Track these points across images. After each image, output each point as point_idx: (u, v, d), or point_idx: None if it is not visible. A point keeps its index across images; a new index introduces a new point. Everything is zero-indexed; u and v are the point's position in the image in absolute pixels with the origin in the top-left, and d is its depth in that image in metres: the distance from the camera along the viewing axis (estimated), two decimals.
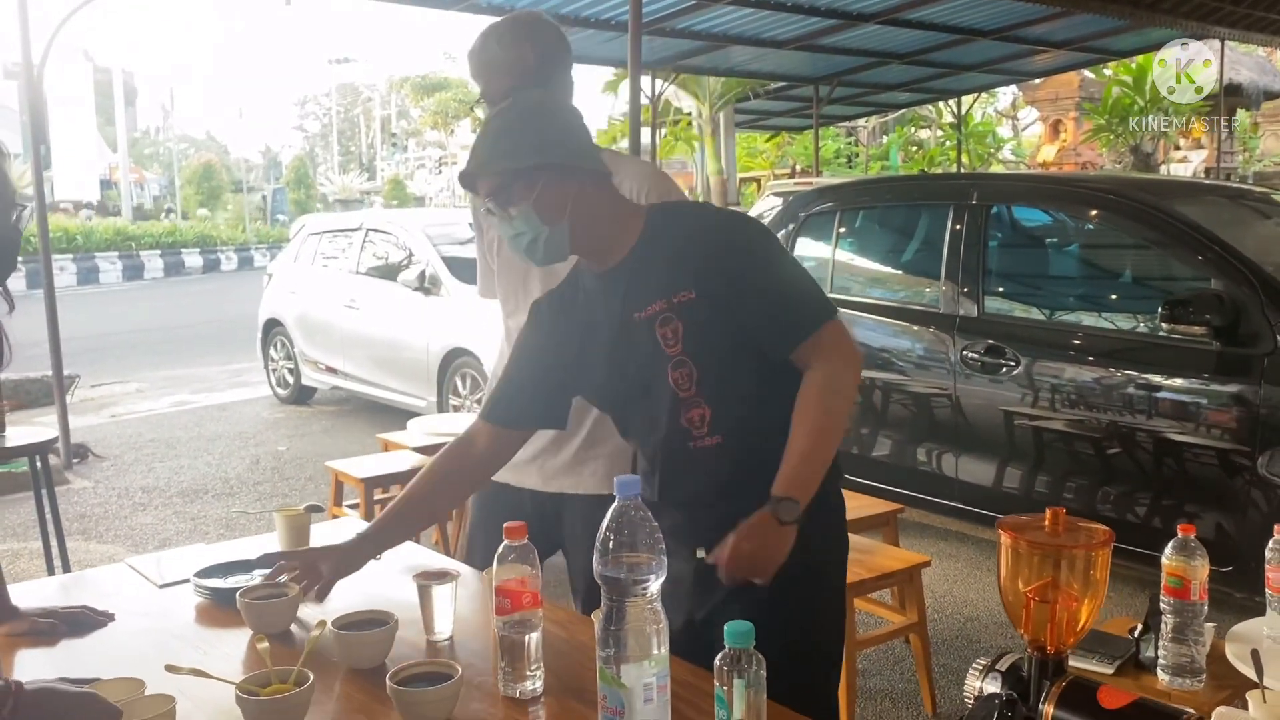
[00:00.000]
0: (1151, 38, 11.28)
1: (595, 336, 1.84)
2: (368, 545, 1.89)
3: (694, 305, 1.74)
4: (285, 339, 8.48)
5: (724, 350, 1.75)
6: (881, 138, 23.06)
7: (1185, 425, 3.73)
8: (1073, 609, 1.08)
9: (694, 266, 1.75)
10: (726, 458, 1.78)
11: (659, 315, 1.76)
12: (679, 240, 1.79)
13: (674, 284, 1.75)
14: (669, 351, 1.76)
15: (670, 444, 1.81)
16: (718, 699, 1.24)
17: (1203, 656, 2.22)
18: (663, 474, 1.84)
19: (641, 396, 1.82)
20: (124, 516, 5.57)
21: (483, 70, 2.32)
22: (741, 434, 1.78)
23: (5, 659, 1.71)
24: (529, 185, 1.72)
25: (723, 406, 1.77)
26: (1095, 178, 6.77)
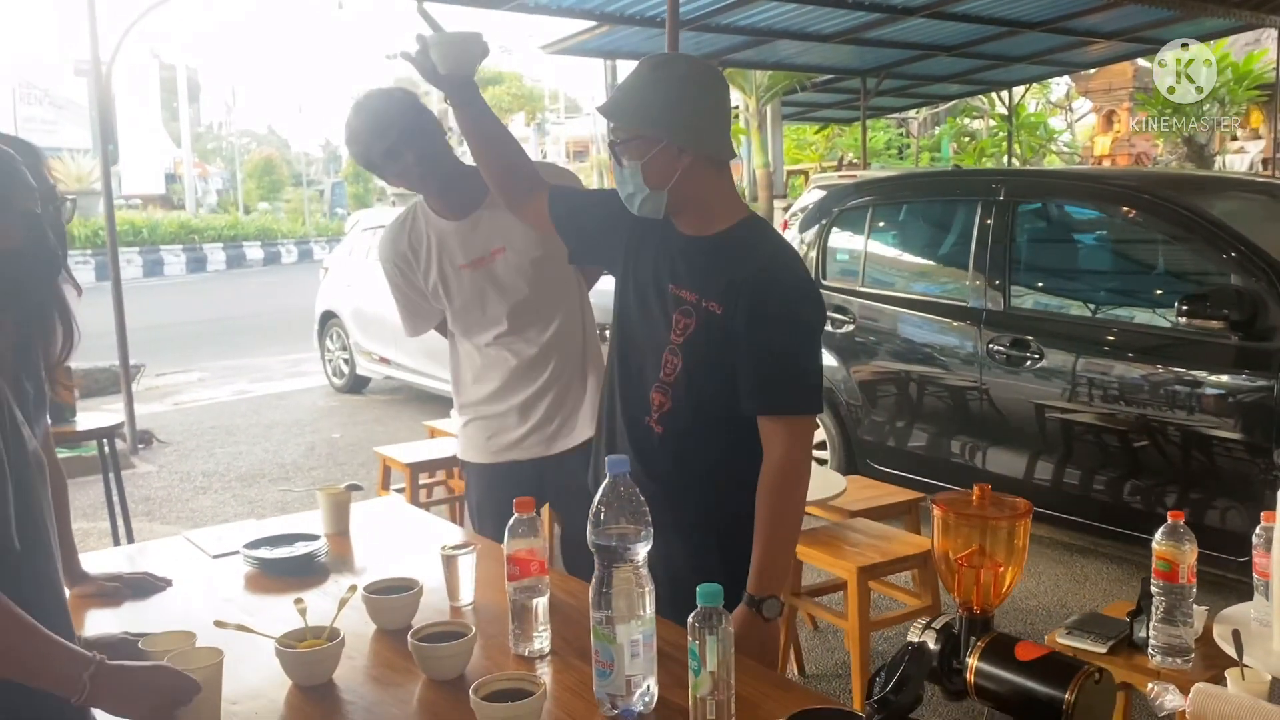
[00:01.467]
0: (1205, 27, 11.12)
1: (638, 266, 2.01)
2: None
3: (714, 318, 1.88)
4: (341, 330, 8.75)
5: (711, 368, 1.90)
6: (933, 129, 22.92)
7: (1205, 418, 3.80)
8: (998, 573, 1.22)
9: (738, 289, 1.85)
10: (663, 448, 1.95)
11: (684, 304, 1.92)
12: (748, 259, 1.88)
13: (713, 289, 1.88)
14: (673, 337, 1.93)
15: (634, 406, 1.99)
16: (691, 653, 1.39)
17: (1191, 637, 2.32)
18: (623, 426, 2.01)
19: (638, 347, 2.00)
20: (185, 499, 5.85)
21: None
22: (678, 439, 1.94)
23: (76, 616, 1.91)
24: (643, 149, 1.87)
25: (677, 409, 1.93)
26: (1120, 174, 6.77)
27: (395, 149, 2.40)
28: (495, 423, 2.58)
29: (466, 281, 2.51)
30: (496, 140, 2.19)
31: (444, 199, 2.52)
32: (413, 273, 2.57)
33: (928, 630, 1.25)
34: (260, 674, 1.66)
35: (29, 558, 1.32)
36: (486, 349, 2.56)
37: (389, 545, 2.25)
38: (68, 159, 24.96)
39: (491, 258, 2.49)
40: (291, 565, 2.14)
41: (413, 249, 2.56)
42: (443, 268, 2.52)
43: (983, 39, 10.46)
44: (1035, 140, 19.74)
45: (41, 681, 1.30)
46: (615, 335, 2.09)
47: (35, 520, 1.35)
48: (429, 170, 2.45)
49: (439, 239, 2.52)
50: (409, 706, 1.60)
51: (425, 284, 2.56)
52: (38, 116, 30.76)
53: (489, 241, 2.48)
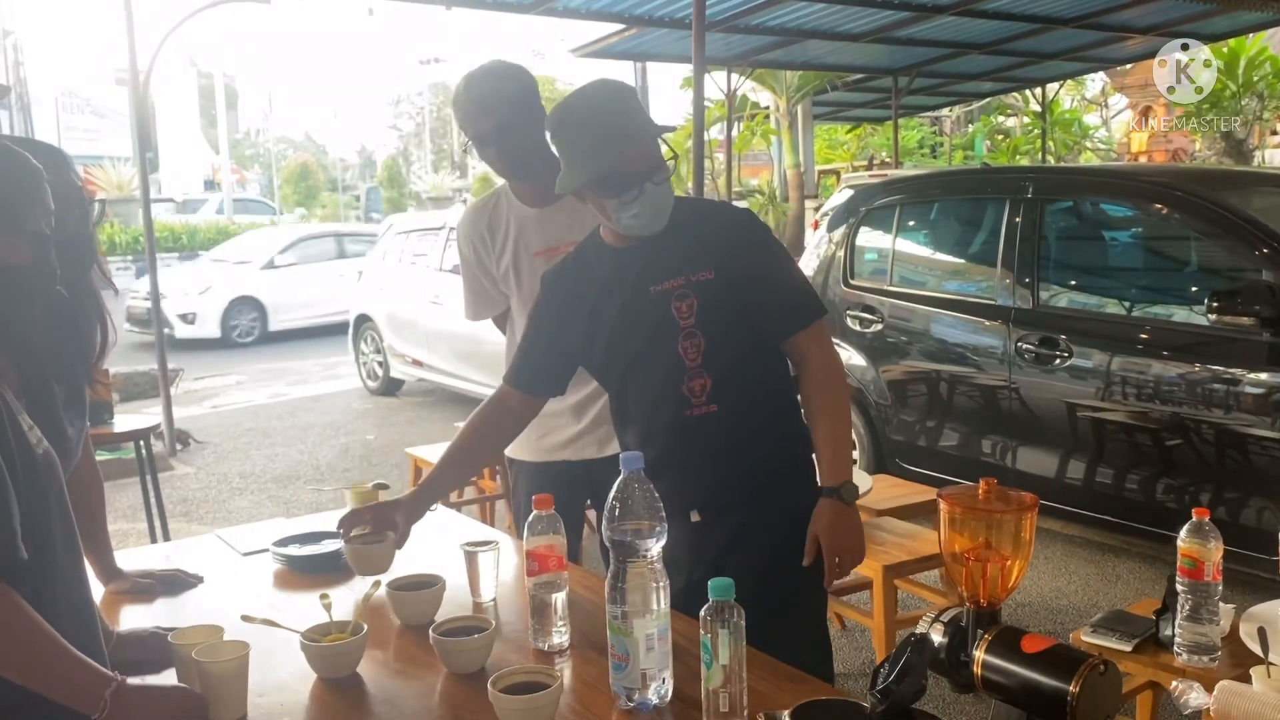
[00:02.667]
0: (1242, 20, 10.98)
1: (603, 307, 2.02)
2: (426, 495, 2.15)
3: (711, 285, 1.94)
4: (375, 333, 8.85)
5: (732, 327, 1.96)
6: (967, 126, 22.75)
7: (1237, 416, 3.76)
8: (1004, 567, 1.23)
9: (715, 251, 1.96)
10: (721, 425, 1.97)
11: (676, 290, 1.95)
12: (701, 227, 1.99)
13: (694, 264, 1.95)
14: (682, 324, 1.95)
15: (668, 412, 1.99)
16: (704, 647, 1.41)
17: (1218, 635, 2.30)
18: (659, 441, 2.01)
19: (644, 365, 2.01)
20: (222, 500, 5.95)
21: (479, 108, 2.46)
22: (735, 404, 1.97)
23: (111, 612, 1.97)
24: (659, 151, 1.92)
25: (723, 378, 1.96)
26: (1149, 170, 6.70)
27: (504, 127, 2.41)
28: (549, 421, 2.55)
29: (539, 269, 2.48)
30: (469, 470, 2.53)
31: (532, 186, 2.52)
32: (487, 254, 2.59)
33: (936, 623, 1.26)
34: (286, 667, 1.70)
35: (42, 564, 1.35)
36: None
37: (414, 542, 2.27)
38: (109, 167, 25.32)
39: (564, 249, 2.48)
40: (318, 562, 2.18)
41: (491, 231, 2.58)
42: (517, 253, 2.54)
43: (1015, 36, 10.37)
44: (1070, 137, 19.53)
45: (62, 695, 1.33)
46: (614, 381, 2.10)
47: (47, 524, 1.38)
48: (527, 156, 2.46)
49: (519, 224, 2.54)
50: (430, 699, 1.63)
51: (497, 268, 2.58)
52: (80, 125, 31.28)
53: (564, 233, 2.48)
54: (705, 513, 1.95)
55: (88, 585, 1.53)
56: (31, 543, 1.32)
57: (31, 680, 1.30)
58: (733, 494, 1.98)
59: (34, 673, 1.30)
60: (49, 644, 1.31)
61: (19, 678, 1.30)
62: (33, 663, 1.30)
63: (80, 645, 1.36)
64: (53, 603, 1.36)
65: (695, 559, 1.97)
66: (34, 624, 1.29)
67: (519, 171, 2.52)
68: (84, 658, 1.35)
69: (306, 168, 39.70)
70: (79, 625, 1.41)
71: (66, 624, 1.35)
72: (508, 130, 2.42)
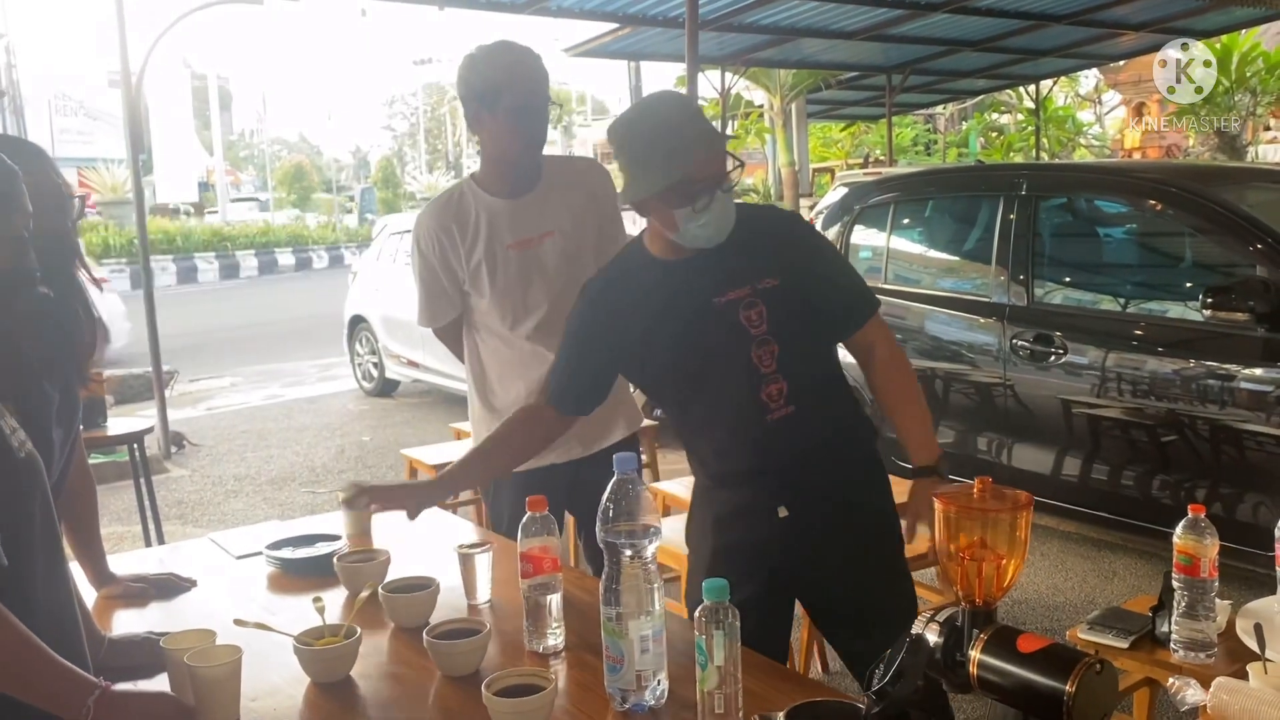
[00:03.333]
0: (1235, 17, 11.01)
1: (660, 322, 1.99)
2: (443, 485, 2.18)
3: (778, 291, 1.96)
4: (370, 334, 8.83)
5: (801, 331, 1.98)
6: (960, 124, 22.77)
7: (1232, 412, 3.76)
8: (1000, 566, 1.23)
9: (775, 257, 1.98)
10: (802, 426, 1.98)
11: (743, 300, 1.95)
12: (755, 234, 1.99)
13: (757, 272, 1.96)
14: (754, 332, 1.94)
15: (747, 418, 1.98)
16: (698, 648, 1.41)
17: (1214, 632, 2.30)
18: (741, 451, 2.01)
19: (713, 376, 1.99)
20: (217, 503, 5.93)
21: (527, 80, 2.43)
22: (812, 404, 2.00)
23: (104, 616, 1.96)
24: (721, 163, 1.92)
25: (797, 380, 1.98)
26: (1142, 166, 6.73)
27: (527, 105, 2.38)
28: None
29: (513, 262, 2.48)
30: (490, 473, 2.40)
31: (510, 175, 2.49)
32: (454, 250, 2.51)
33: (931, 623, 1.26)
34: (279, 671, 1.69)
35: (22, 568, 1.33)
36: (522, 343, 2.52)
37: (408, 545, 2.27)
38: (102, 169, 25.29)
39: (540, 240, 2.47)
40: (312, 565, 2.17)
41: (459, 225, 2.50)
42: (490, 246, 2.48)
43: (1008, 33, 10.39)
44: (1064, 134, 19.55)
45: (43, 703, 1.32)
46: (673, 395, 2.07)
47: (30, 529, 1.36)
48: (528, 143, 2.43)
49: (489, 216, 2.49)
50: (424, 702, 1.62)
51: (466, 264, 2.50)
52: (73, 128, 31.22)
53: (540, 224, 2.47)
54: (793, 507, 1.97)
55: (70, 589, 1.52)
56: (10, 546, 1.30)
57: (11, 688, 1.29)
58: (821, 487, 2.01)
59: (14, 680, 1.29)
60: (29, 651, 1.29)
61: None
62: (12, 670, 1.29)
63: (61, 650, 1.34)
64: (32, 608, 1.35)
65: (781, 553, 1.99)
66: (14, 630, 1.28)
67: (539, 148, 2.48)
68: (66, 664, 1.34)
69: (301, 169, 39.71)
70: (60, 630, 1.40)
71: (46, 629, 1.34)
72: (545, 107, 2.41)
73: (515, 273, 2.49)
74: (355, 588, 1.98)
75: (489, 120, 2.40)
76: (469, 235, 2.50)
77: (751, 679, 1.49)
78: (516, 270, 2.49)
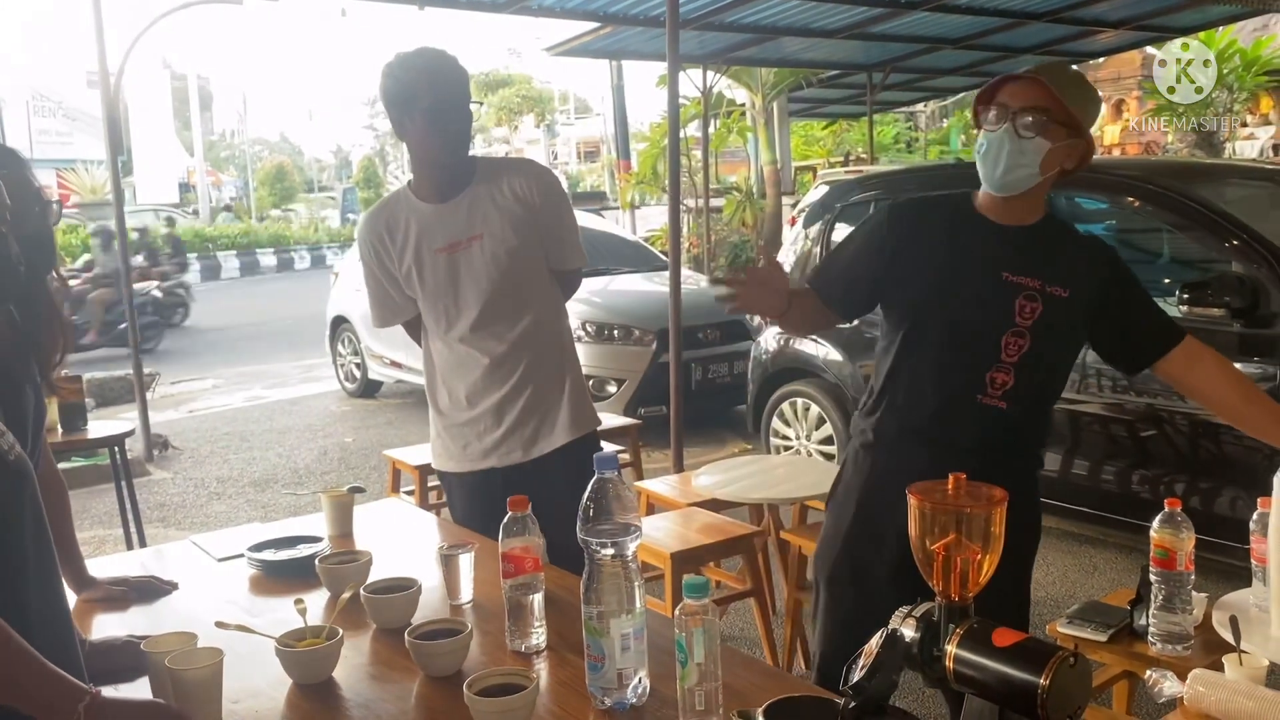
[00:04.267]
0: (1211, 14, 11.06)
1: (959, 269, 2.05)
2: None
3: (1061, 302, 2.00)
4: (352, 335, 8.80)
5: (1061, 344, 2.06)
6: (942, 121, 22.85)
7: None
8: (975, 561, 1.24)
9: (1078, 271, 2.03)
10: (1004, 422, 2.03)
11: (1026, 290, 2.00)
12: (1073, 241, 2.08)
13: (1055, 274, 2.01)
14: (1018, 321, 2.00)
15: (959, 389, 2.04)
16: (678, 645, 1.41)
17: (1191, 624, 2.33)
18: (941, 410, 2.06)
19: (963, 336, 2.04)
20: (200, 505, 5.91)
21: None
22: (1024, 406, 2.04)
23: (84, 620, 1.95)
24: (1060, 135, 1.95)
25: (1025, 381, 2.02)
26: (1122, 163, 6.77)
27: (443, 107, 2.38)
28: (470, 429, 2.55)
29: (442, 266, 2.49)
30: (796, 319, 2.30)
31: (439, 178, 2.50)
32: (388, 255, 2.54)
33: (908, 618, 1.27)
34: (261, 673, 1.69)
35: (13, 573, 1.33)
36: (457, 345, 2.54)
37: (391, 546, 2.28)
38: (82, 171, 25.10)
39: (468, 243, 2.48)
40: (294, 567, 2.17)
41: (389, 230, 2.53)
42: (419, 251, 2.50)
43: (988, 30, 10.42)
44: None
45: (32, 708, 1.30)
46: (935, 324, 2.09)
47: (20, 533, 1.36)
48: (450, 143, 2.43)
49: (419, 222, 2.50)
50: (407, 703, 1.63)
51: (399, 268, 2.53)
52: (52, 129, 30.99)
53: (468, 227, 2.47)
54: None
55: (63, 594, 1.51)
56: (3, 551, 1.30)
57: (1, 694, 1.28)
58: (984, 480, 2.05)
59: (2, 686, 1.29)
60: (18, 656, 1.28)
61: None
62: (1, 676, 1.28)
63: (53, 656, 1.33)
64: (24, 613, 1.34)
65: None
66: (2, 635, 1.28)
67: (464, 148, 2.48)
68: (56, 670, 1.32)
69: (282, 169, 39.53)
70: (53, 636, 1.39)
71: (39, 634, 1.33)
72: (465, 106, 2.42)
73: (445, 276, 2.50)
74: (337, 589, 1.98)
75: (409, 125, 2.42)
76: (399, 240, 2.53)
77: (732, 676, 1.50)
78: (446, 274, 2.50)
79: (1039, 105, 1.94)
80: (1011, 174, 1.98)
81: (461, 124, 2.43)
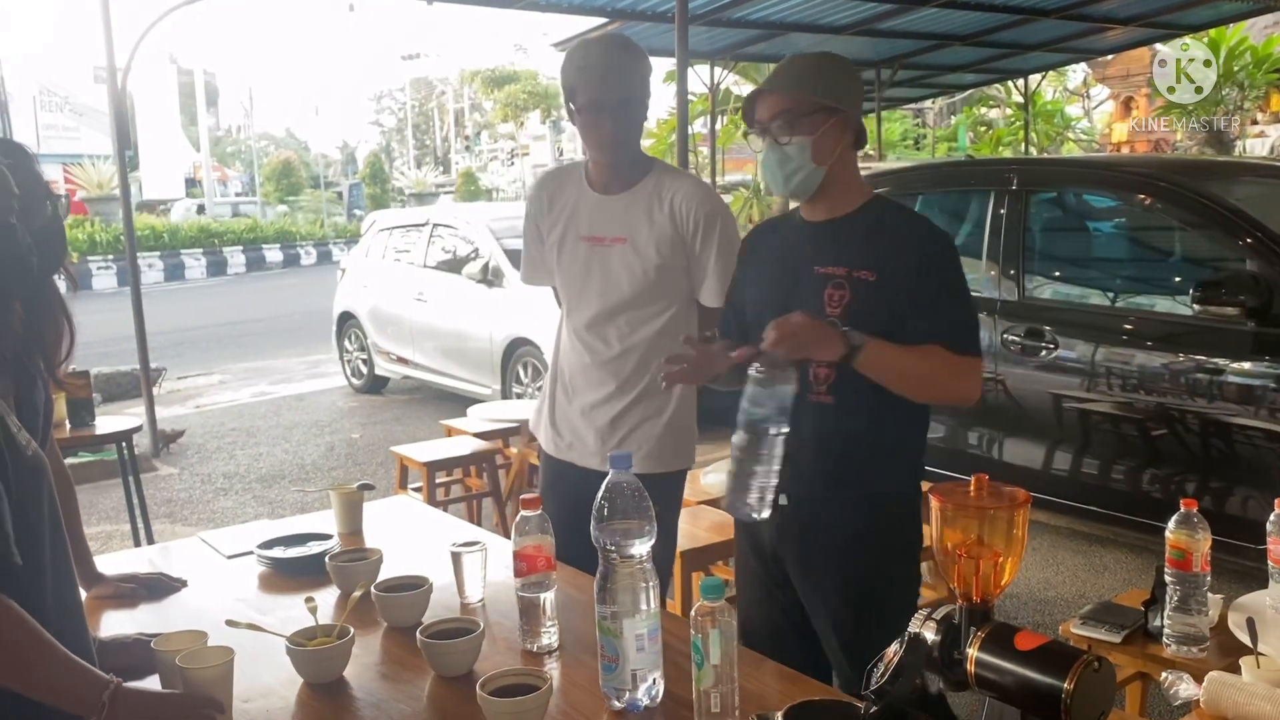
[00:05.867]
0: (1223, 11, 11.04)
1: (780, 275, 2.07)
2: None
3: (869, 286, 1.95)
4: (359, 331, 8.80)
5: (877, 330, 1.93)
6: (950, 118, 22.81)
7: (1222, 406, 3.77)
8: (997, 563, 1.22)
9: (890, 255, 1.95)
10: (831, 417, 1.98)
11: (834, 279, 1.97)
12: (894, 226, 2.01)
13: (861, 260, 1.96)
14: (828, 311, 1.96)
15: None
16: (694, 647, 1.40)
17: (1206, 626, 2.31)
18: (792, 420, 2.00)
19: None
20: (207, 501, 5.90)
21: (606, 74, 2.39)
22: (852, 400, 1.97)
23: (93, 617, 1.94)
24: (818, 124, 1.95)
25: (845, 373, 1.94)
26: (1133, 161, 6.76)
27: (629, 102, 2.37)
28: (563, 417, 2.56)
29: (581, 253, 2.48)
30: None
31: (602, 170, 2.48)
32: (544, 220, 2.57)
33: (928, 621, 1.25)
34: (272, 672, 1.68)
35: (32, 568, 1.33)
36: (574, 334, 2.54)
37: (401, 544, 2.27)
38: (88, 165, 25.14)
39: (611, 243, 2.46)
40: (304, 565, 2.15)
41: (553, 198, 2.55)
42: (566, 231, 2.51)
43: (997, 27, 10.40)
44: (1052, 128, 19.58)
45: (61, 701, 1.32)
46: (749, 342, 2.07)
47: (40, 528, 1.36)
48: (633, 136, 2.42)
49: (578, 203, 2.51)
50: (418, 703, 1.61)
51: (548, 237, 2.56)
52: (59, 124, 31.04)
53: (616, 227, 2.45)
54: (794, 497, 1.98)
55: (77, 588, 1.52)
56: (22, 547, 1.30)
57: (30, 688, 1.29)
58: (823, 483, 2.00)
59: (32, 679, 1.29)
60: (46, 650, 1.30)
61: (17, 685, 1.29)
62: (30, 670, 1.29)
63: (71, 649, 1.34)
64: (42, 607, 1.34)
65: (777, 540, 2.05)
66: (31, 631, 1.29)
67: (620, 149, 2.43)
68: (80, 661, 1.34)
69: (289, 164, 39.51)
70: (69, 629, 1.40)
71: (56, 628, 1.34)
72: (631, 105, 2.38)
73: (581, 265, 2.48)
74: (347, 587, 1.96)
75: (588, 118, 2.40)
76: (556, 211, 2.54)
77: (748, 678, 1.48)
78: (582, 263, 2.48)
79: (782, 110, 1.97)
80: (793, 180, 1.99)
81: (617, 125, 2.37)
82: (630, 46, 2.45)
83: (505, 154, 46.14)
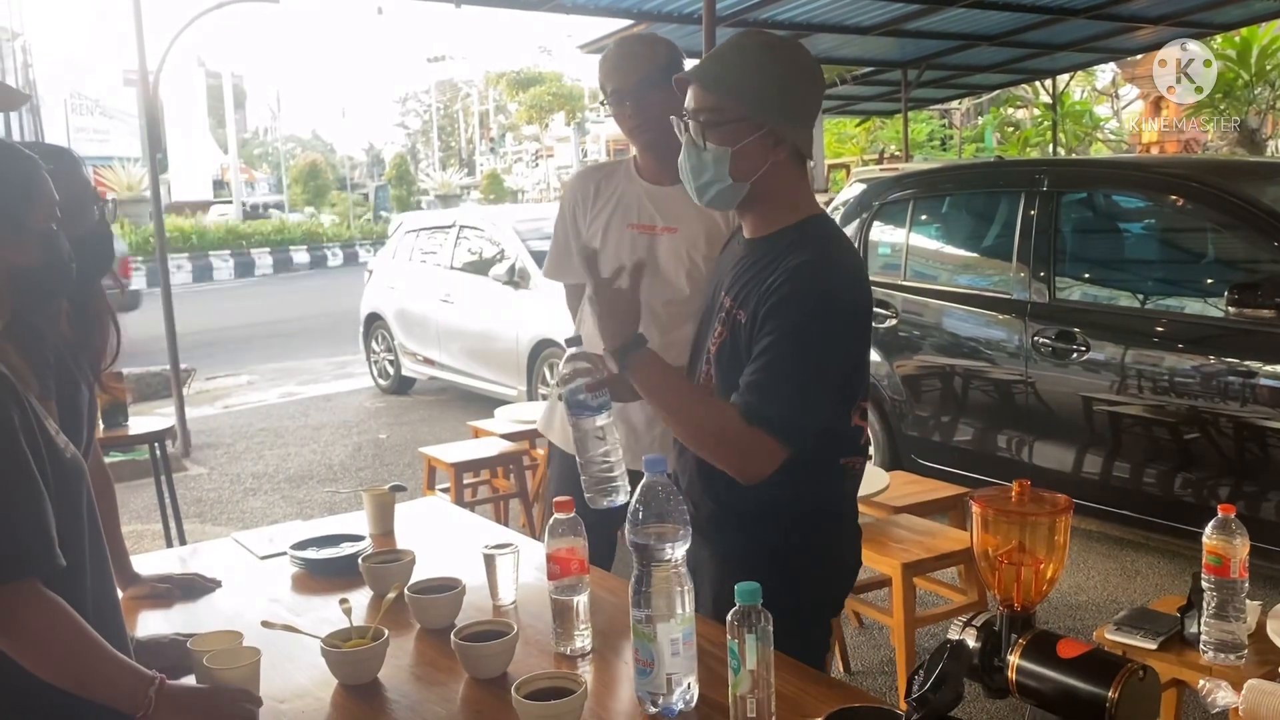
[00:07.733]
0: (1255, 9, 10.90)
1: (713, 293, 1.88)
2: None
3: (740, 328, 1.73)
4: (386, 332, 8.84)
5: (732, 378, 1.73)
6: (976, 119, 22.66)
7: (1257, 409, 3.73)
8: (1039, 570, 1.21)
9: (760, 298, 1.69)
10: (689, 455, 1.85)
11: (724, 311, 1.79)
12: (783, 261, 1.69)
13: (747, 296, 1.72)
14: (710, 346, 1.84)
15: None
16: (730, 652, 1.39)
17: (1244, 633, 2.28)
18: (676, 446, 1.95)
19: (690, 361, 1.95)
20: (236, 501, 5.95)
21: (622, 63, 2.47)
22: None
23: (129, 617, 1.95)
24: (738, 134, 1.68)
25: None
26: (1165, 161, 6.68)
27: (645, 85, 2.40)
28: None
29: (626, 242, 2.48)
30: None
31: (648, 159, 2.52)
32: (583, 213, 2.58)
33: (968, 628, 1.24)
34: (307, 673, 1.69)
35: (72, 567, 1.34)
36: None
37: (432, 545, 2.27)
38: (118, 168, 25.38)
39: (660, 232, 2.47)
40: (337, 566, 2.16)
41: (597, 191, 2.57)
42: (611, 220, 2.53)
43: (1025, 27, 10.31)
44: (1081, 129, 19.42)
45: (107, 697, 1.34)
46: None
47: (79, 529, 1.37)
48: (658, 121, 2.37)
49: (627, 194, 2.53)
50: (452, 705, 1.61)
51: (588, 228, 2.56)
52: (89, 126, 31.37)
53: (665, 216, 2.47)
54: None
55: (115, 587, 1.54)
56: (63, 548, 1.31)
57: (83, 686, 1.32)
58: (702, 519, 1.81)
59: (82, 676, 1.32)
60: (93, 647, 1.32)
61: (66, 682, 1.32)
62: (79, 666, 1.31)
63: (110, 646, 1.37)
64: (82, 606, 1.36)
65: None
66: (78, 628, 1.31)
67: (646, 131, 2.45)
68: (125, 658, 1.37)
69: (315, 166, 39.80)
70: (109, 629, 1.41)
71: (96, 628, 1.36)
72: (646, 89, 2.41)
73: (625, 252, 2.45)
74: (381, 589, 1.97)
75: (614, 108, 2.49)
76: (599, 204, 2.57)
77: (784, 683, 1.47)
78: (629, 249, 2.46)
79: (704, 107, 1.70)
80: (707, 190, 1.74)
81: (636, 108, 2.43)
82: (651, 39, 2.50)
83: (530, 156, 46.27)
